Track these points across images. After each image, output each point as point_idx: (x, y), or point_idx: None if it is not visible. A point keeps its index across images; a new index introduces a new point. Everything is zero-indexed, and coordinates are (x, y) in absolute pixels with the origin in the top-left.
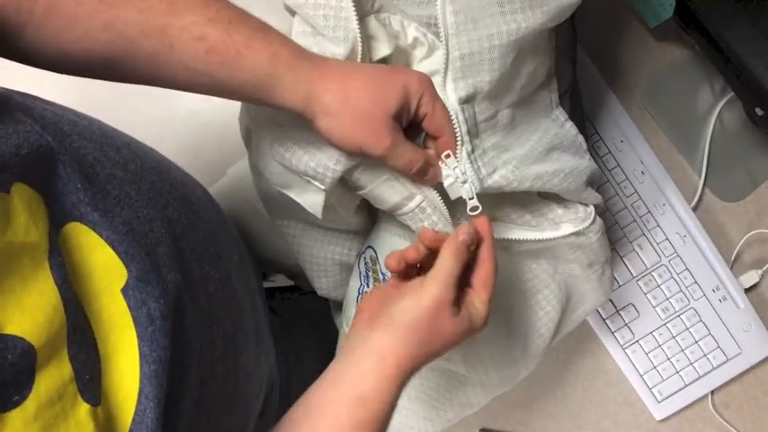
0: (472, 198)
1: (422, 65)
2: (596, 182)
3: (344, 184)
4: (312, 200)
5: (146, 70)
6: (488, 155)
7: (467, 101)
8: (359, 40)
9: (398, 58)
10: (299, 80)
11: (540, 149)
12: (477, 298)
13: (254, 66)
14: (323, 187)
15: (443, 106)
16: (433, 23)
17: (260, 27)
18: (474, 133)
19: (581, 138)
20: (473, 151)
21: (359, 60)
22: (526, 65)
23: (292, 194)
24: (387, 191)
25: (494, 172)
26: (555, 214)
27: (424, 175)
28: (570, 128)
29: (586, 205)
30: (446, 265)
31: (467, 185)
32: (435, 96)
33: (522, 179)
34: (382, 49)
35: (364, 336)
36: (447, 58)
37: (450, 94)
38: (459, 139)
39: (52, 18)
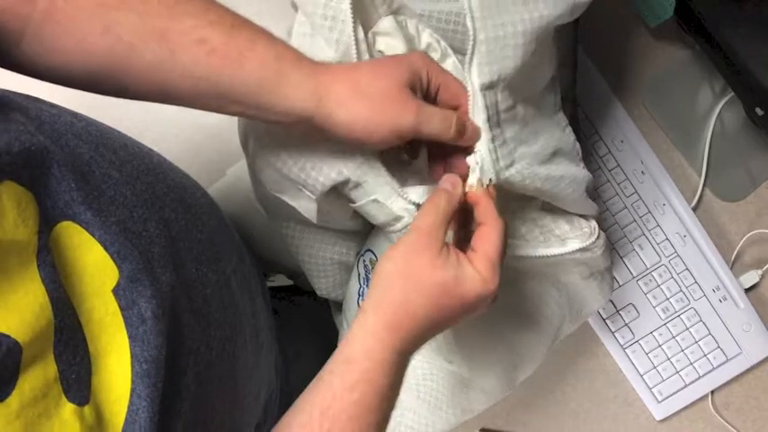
0: (479, 185)
1: None
2: (590, 190)
3: (337, 191)
4: (306, 205)
5: (146, 78)
6: (508, 146)
7: (489, 87)
8: (353, 44)
9: None
10: (305, 74)
11: (548, 151)
12: (475, 253)
13: (258, 66)
14: (313, 197)
15: (456, 77)
16: (451, 20)
17: (262, 30)
18: (495, 122)
19: (578, 145)
20: (493, 140)
21: None
22: (540, 60)
23: (287, 199)
24: (374, 210)
25: (511, 165)
26: (562, 230)
27: (465, 131)
28: (570, 133)
29: (589, 220)
30: (425, 209)
31: (476, 173)
32: (444, 69)
33: (534, 176)
34: (398, 47)
35: None
36: (474, 41)
37: (474, 79)
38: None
39: (51, 23)
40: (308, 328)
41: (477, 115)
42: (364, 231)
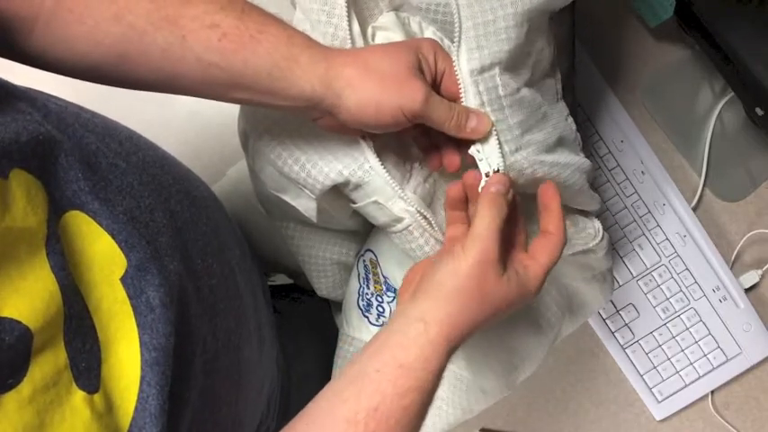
0: (488, 174)
1: None
2: (591, 179)
3: (337, 190)
4: (306, 204)
5: (157, 66)
6: (513, 132)
7: (481, 71)
8: (348, 38)
9: None
10: (316, 58)
11: (552, 140)
12: (533, 261)
13: (269, 50)
14: (313, 196)
15: None
16: (449, 12)
17: (271, 15)
18: (498, 107)
19: (579, 136)
20: (494, 124)
21: None
22: (537, 43)
23: (287, 198)
24: (375, 212)
25: (516, 151)
26: (567, 232)
27: (467, 124)
28: (571, 123)
29: (593, 221)
30: (485, 220)
31: (483, 162)
32: (449, 56)
33: (541, 163)
34: (395, 39)
35: (406, 305)
36: (460, 29)
37: (463, 66)
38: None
39: (62, 11)
40: (309, 327)
41: (470, 102)
42: (364, 231)
